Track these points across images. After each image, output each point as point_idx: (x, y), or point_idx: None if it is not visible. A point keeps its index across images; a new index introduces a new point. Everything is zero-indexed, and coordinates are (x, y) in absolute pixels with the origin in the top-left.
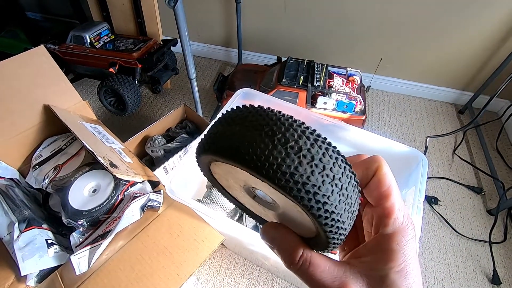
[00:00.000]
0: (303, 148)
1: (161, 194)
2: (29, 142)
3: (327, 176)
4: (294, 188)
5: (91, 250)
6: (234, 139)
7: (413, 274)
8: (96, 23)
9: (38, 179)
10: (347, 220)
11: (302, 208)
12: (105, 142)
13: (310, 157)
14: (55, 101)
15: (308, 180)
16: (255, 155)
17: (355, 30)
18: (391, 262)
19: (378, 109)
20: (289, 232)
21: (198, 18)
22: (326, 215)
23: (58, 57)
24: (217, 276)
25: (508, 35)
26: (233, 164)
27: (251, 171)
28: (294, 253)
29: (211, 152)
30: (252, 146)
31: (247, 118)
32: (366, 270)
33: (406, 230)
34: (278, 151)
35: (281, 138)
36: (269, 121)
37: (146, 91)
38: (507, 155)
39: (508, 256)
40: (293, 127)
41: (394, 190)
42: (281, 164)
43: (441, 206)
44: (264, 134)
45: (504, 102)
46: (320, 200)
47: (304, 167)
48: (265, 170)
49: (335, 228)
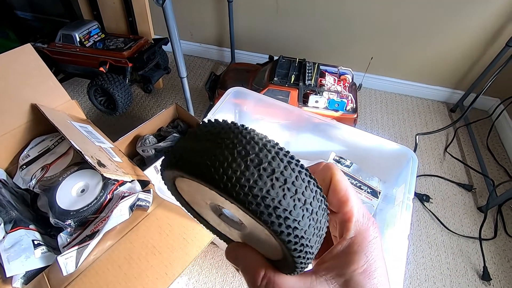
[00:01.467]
0: (276, 171)
1: (151, 194)
2: (16, 142)
3: (299, 200)
4: (264, 212)
5: (78, 251)
6: (203, 156)
7: (377, 273)
8: (86, 21)
9: (25, 179)
10: (315, 244)
11: (270, 233)
12: (94, 141)
13: (283, 180)
14: (42, 100)
15: (279, 204)
16: (226, 175)
17: (347, 29)
18: (353, 264)
19: (370, 108)
20: (253, 253)
21: (191, 18)
22: (295, 240)
23: (47, 56)
24: (209, 275)
25: (497, 34)
26: (201, 183)
27: (220, 192)
28: (257, 274)
29: (177, 168)
30: (223, 165)
31: (219, 135)
32: (332, 276)
33: (367, 230)
34: (250, 173)
35: (254, 159)
36: (243, 139)
37: (138, 91)
38: (497, 153)
39: (498, 252)
40: (266, 148)
41: (350, 194)
42: (253, 187)
43: (433, 204)
44: (237, 153)
45: (494, 100)
46: (291, 225)
47: (276, 191)
48: (235, 192)
49: (303, 253)
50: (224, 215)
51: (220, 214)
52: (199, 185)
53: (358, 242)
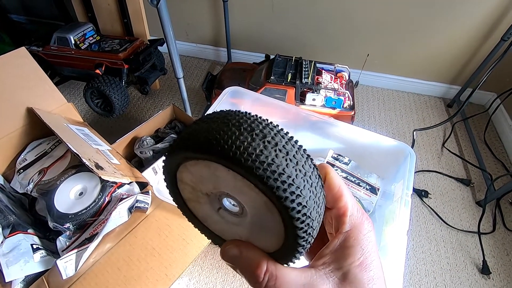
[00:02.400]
0: (278, 144)
1: (149, 195)
2: (12, 146)
3: (300, 171)
4: (271, 176)
5: (77, 254)
6: (212, 133)
7: (373, 265)
8: (80, 24)
9: (22, 183)
10: (315, 220)
11: (275, 201)
12: (92, 144)
13: (285, 152)
14: (38, 104)
15: (283, 171)
16: (235, 145)
17: (343, 27)
18: (350, 257)
19: (367, 105)
20: (251, 248)
21: (186, 18)
22: (298, 208)
23: (43, 59)
24: (210, 276)
25: (492, 29)
26: (211, 159)
27: (229, 162)
28: (258, 269)
29: (188, 148)
30: (231, 138)
31: (226, 117)
32: (331, 270)
33: (362, 224)
34: (256, 143)
35: (259, 133)
36: (247, 120)
37: (135, 92)
38: (495, 147)
39: (497, 246)
40: (269, 127)
41: (344, 190)
42: (259, 155)
43: (431, 199)
44: (243, 129)
45: (491, 95)
46: (294, 191)
47: (280, 159)
48: (244, 159)
49: (305, 225)
50: (223, 208)
51: (219, 209)
52: (204, 169)
53: (353, 235)
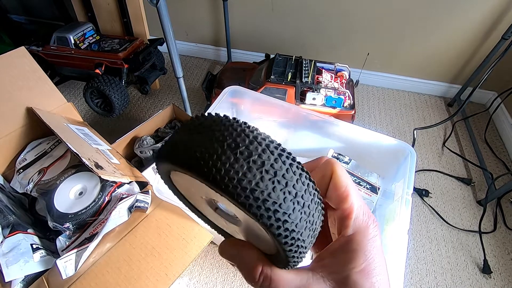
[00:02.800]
0: (266, 163)
1: (149, 195)
2: (12, 146)
3: (289, 194)
4: (253, 204)
5: (77, 254)
6: (194, 149)
7: (375, 272)
8: (80, 23)
9: (22, 183)
10: (308, 238)
11: (261, 226)
12: (91, 143)
13: (273, 173)
14: (38, 104)
15: (268, 197)
16: (215, 167)
17: (343, 26)
18: (352, 262)
19: (368, 104)
20: (249, 249)
21: (186, 18)
22: (286, 233)
23: (43, 59)
24: (210, 275)
25: (492, 28)
26: (192, 176)
27: (209, 184)
28: (254, 270)
29: (169, 161)
30: (212, 158)
31: (211, 128)
32: (329, 274)
33: (367, 229)
34: (239, 165)
35: (244, 151)
36: (233, 132)
37: (135, 92)
38: (495, 146)
39: (498, 245)
40: (257, 140)
41: (351, 191)
42: (242, 179)
43: (432, 198)
44: (227, 146)
45: (491, 94)
46: (280, 218)
47: (266, 183)
48: (224, 185)
49: (295, 247)
50: (219, 209)
51: (216, 208)
52: (192, 179)
53: (357, 240)
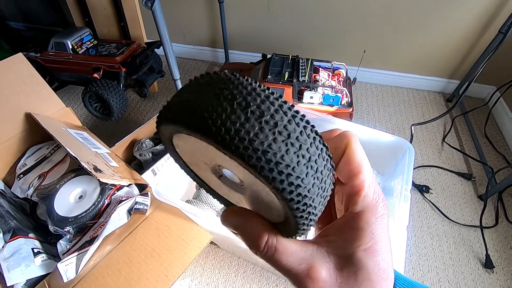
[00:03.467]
0: (279, 124)
1: (148, 197)
2: (12, 152)
3: (303, 157)
4: (265, 167)
5: (78, 257)
6: (200, 108)
7: (381, 252)
8: (77, 29)
9: (23, 188)
10: (318, 205)
11: (272, 190)
12: (90, 147)
13: (286, 135)
14: (37, 109)
15: (282, 160)
16: (224, 127)
17: (339, 24)
18: (358, 240)
19: (366, 102)
20: (253, 217)
21: (183, 20)
22: (298, 198)
23: (41, 65)
24: (211, 276)
25: (489, 21)
26: (199, 138)
27: (218, 146)
28: (259, 239)
29: (173, 122)
30: (221, 117)
31: (218, 86)
32: (333, 249)
33: (375, 207)
34: (251, 125)
35: (255, 111)
36: (243, 90)
37: (134, 95)
38: (495, 140)
39: (500, 240)
40: (269, 100)
41: (364, 167)
42: (253, 140)
43: (432, 194)
44: (237, 104)
45: (490, 88)
46: (293, 182)
47: (279, 145)
48: (234, 146)
49: (306, 213)
50: (224, 176)
51: (220, 176)
52: (197, 142)
53: (365, 218)
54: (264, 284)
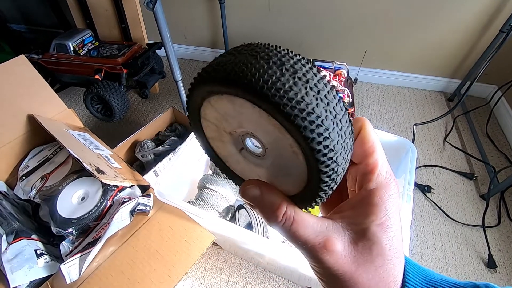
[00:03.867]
0: (310, 81)
1: (151, 198)
2: (15, 153)
3: (330, 113)
4: (299, 115)
5: (81, 258)
6: (239, 65)
7: (394, 228)
8: (79, 30)
9: (25, 190)
10: (341, 166)
11: (301, 142)
12: (92, 149)
13: (316, 91)
14: (39, 111)
15: (313, 111)
16: (262, 79)
17: (340, 24)
18: (372, 215)
19: (368, 102)
20: (271, 189)
21: (184, 21)
22: (325, 151)
23: (43, 67)
24: (214, 277)
25: (490, 20)
26: (237, 91)
27: (256, 96)
28: (277, 210)
29: (209, 80)
30: (259, 71)
31: (255, 50)
32: (348, 224)
33: (388, 185)
34: (286, 79)
35: (289, 68)
36: (278, 54)
37: (135, 97)
38: (497, 139)
39: (502, 239)
40: (301, 62)
41: (377, 147)
42: (288, 90)
43: (434, 194)
44: (273, 63)
45: (492, 87)
46: (322, 133)
47: (310, 98)
48: (271, 94)
49: (330, 170)
50: (245, 149)
51: (241, 149)
52: (229, 104)
53: (379, 194)
54: (267, 285)
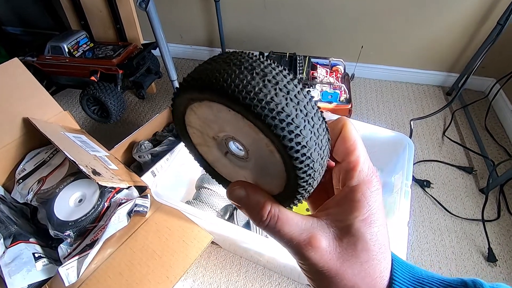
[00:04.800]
0: (279, 83)
1: (148, 199)
2: (11, 157)
3: (301, 111)
4: (269, 115)
5: (79, 260)
6: (214, 73)
7: (377, 223)
8: (73, 32)
9: (22, 193)
10: (316, 162)
11: (274, 141)
12: (89, 150)
13: (286, 92)
14: (34, 113)
15: (283, 110)
16: (234, 83)
17: (336, 20)
18: (355, 211)
19: (365, 97)
20: (256, 189)
21: (179, 20)
22: (297, 148)
23: (38, 69)
24: (214, 276)
25: (488, 13)
26: (211, 97)
27: (229, 100)
28: (262, 210)
29: (187, 88)
30: (231, 76)
31: (229, 57)
32: (332, 221)
33: (370, 181)
34: (256, 82)
35: (259, 72)
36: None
37: (132, 97)
38: (496, 133)
39: (502, 233)
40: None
41: (358, 145)
42: (258, 93)
43: (434, 189)
44: (244, 68)
45: (490, 80)
46: (293, 130)
47: (280, 98)
48: (242, 97)
49: (305, 166)
50: (230, 153)
51: (226, 153)
52: (208, 110)
53: (361, 190)
54: (267, 283)
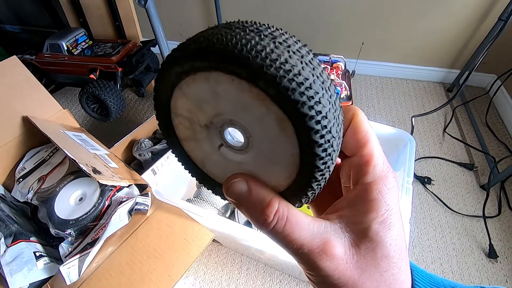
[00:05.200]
0: (291, 46)
1: (149, 197)
2: (11, 156)
3: (318, 78)
4: (285, 76)
5: (80, 259)
6: (213, 37)
7: (396, 226)
8: (72, 29)
9: (22, 192)
10: (336, 139)
11: (289, 109)
12: (89, 149)
13: (300, 56)
14: (34, 112)
15: (299, 74)
16: (240, 42)
17: (336, 16)
18: (372, 212)
19: (366, 94)
20: (260, 184)
21: (179, 17)
22: (318, 117)
23: (37, 67)
24: (215, 274)
25: (489, 9)
26: (210, 59)
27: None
28: (268, 208)
29: (182, 57)
30: (236, 37)
31: (229, 24)
32: (347, 224)
33: (387, 177)
34: (266, 42)
35: (268, 35)
36: (253, 24)
37: (132, 95)
38: (497, 129)
39: (503, 229)
40: (280, 31)
41: (371, 137)
42: (270, 53)
43: (434, 186)
44: (249, 30)
45: (491, 76)
46: (313, 96)
47: (295, 61)
48: (251, 56)
49: (326, 142)
50: (224, 145)
51: (220, 146)
52: (203, 85)
53: (378, 188)
54: (268, 280)
